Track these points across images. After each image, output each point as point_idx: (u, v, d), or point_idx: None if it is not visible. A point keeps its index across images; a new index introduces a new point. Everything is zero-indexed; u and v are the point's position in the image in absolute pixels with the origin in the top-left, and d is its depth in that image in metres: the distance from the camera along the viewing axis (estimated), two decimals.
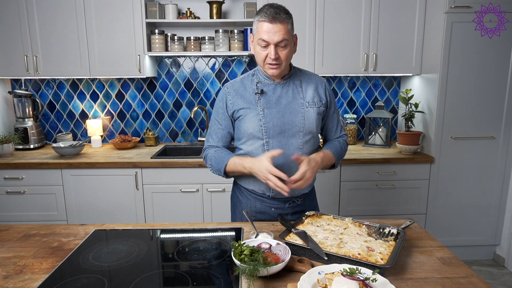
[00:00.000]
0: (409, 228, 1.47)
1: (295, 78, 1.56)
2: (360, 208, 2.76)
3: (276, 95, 1.51)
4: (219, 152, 1.55)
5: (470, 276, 1.13)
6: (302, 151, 1.51)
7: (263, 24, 1.40)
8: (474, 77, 2.64)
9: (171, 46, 2.89)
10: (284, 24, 1.39)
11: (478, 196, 2.81)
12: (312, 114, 1.52)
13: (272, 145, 1.49)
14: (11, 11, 2.71)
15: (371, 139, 3.07)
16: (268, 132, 1.48)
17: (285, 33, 1.39)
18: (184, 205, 2.69)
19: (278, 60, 1.42)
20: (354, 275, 0.97)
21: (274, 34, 1.38)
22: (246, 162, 1.46)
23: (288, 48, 1.43)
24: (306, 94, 1.53)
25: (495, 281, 2.66)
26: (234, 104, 1.52)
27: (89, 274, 1.16)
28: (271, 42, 1.39)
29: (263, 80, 1.53)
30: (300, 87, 1.54)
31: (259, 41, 1.42)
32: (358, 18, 2.76)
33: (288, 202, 1.58)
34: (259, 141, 1.50)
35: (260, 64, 1.48)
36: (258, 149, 1.51)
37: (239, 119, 1.52)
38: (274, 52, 1.40)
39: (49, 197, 2.67)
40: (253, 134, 1.50)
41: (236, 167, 1.49)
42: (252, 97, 1.51)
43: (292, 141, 1.50)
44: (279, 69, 1.45)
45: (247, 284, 1.06)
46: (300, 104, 1.52)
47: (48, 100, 3.19)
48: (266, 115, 1.48)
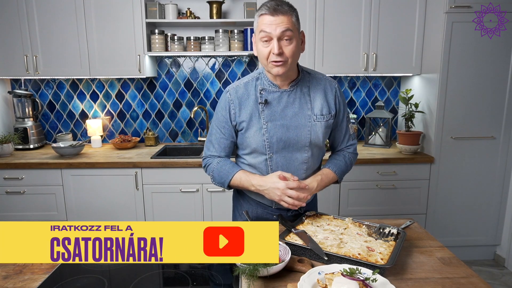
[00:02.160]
0: (409, 228, 1.47)
1: (303, 85, 1.42)
2: (360, 208, 2.76)
3: (281, 105, 1.39)
4: (222, 164, 1.46)
5: (470, 276, 1.12)
6: (307, 165, 1.45)
7: (264, 17, 1.27)
8: (474, 77, 2.64)
9: (171, 46, 2.89)
10: (288, 16, 1.26)
11: (478, 196, 2.81)
12: (320, 128, 1.41)
13: (276, 160, 1.42)
14: (11, 11, 2.71)
15: (371, 139, 3.07)
16: (272, 147, 1.40)
17: (289, 24, 1.26)
18: (184, 205, 2.69)
19: (282, 56, 1.28)
20: (354, 275, 0.97)
21: (277, 26, 1.25)
22: (254, 180, 1.39)
23: (294, 42, 1.28)
24: (314, 105, 1.41)
25: (495, 281, 2.66)
26: (237, 115, 1.41)
27: (89, 274, 1.16)
28: (274, 34, 1.26)
29: (268, 87, 1.40)
30: (308, 95, 1.41)
31: (261, 35, 1.28)
32: (358, 18, 2.76)
33: (291, 211, 1.53)
34: (262, 156, 1.43)
35: (264, 63, 1.33)
36: (261, 163, 1.44)
37: (242, 131, 1.44)
38: (277, 46, 1.26)
39: (49, 197, 2.67)
40: (256, 149, 1.42)
41: (242, 184, 1.42)
42: (255, 107, 1.39)
43: (296, 156, 1.43)
44: (284, 67, 1.30)
45: (247, 284, 1.05)
46: (307, 116, 1.40)
47: (48, 100, 3.19)
48: (269, 129, 1.38)
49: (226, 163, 1.46)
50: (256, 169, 1.47)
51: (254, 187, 1.39)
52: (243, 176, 1.41)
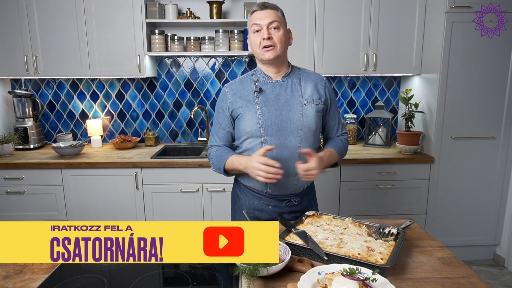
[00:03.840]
0: (409, 228, 1.47)
1: (294, 76, 1.57)
2: (360, 208, 2.76)
3: (274, 93, 1.53)
4: (220, 151, 1.58)
5: (470, 276, 1.12)
6: (301, 148, 1.50)
7: (254, 13, 1.50)
8: (474, 77, 2.64)
9: (171, 46, 2.89)
10: (274, 11, 1.49)
11: (478, 196, 2.81)
12: (311, 112, 1.52)
13: (270, 143, 1.49)
14: (11, 11, 2.71)
15: (371, 139, 3.07)
16: (266, 130, 1.49)
17: (276, 16, 1.48)
18: (184, 205, 2.69)
19: (271, 41, 1.47)
20: (354, 275, 0.97)
21: (266, 17, 1.47)
22: (242, 159, 1.49)
23: (282, 31, 1.49)
24: (305, 92, 1.55)
25: (495, 281, 2.66)
26: (233, 103, 1.55)
27: (89, 274, 1.16)
28: (263, 24, 1.46)
29: (262, 79, 1.55)
30: (299, 84, 1.56)
31: (253, 28, 1.49)
32: (358, 18, 2.76)
33: (285, 201, 1.58)
34: (257, 139, 1.51)
35: (257, 51, 1.51)
36: (256, 147, 1.51)
37: (238, 118, 1.54)
38: (266, 32, 1.46)
39: (49, 197, 2.67)
40: (251, 133, 1.51)
41: (234, 165, 1.52)
42: (250, 95, 1.53)
43: (290, 139, 1.51)
44: (274, 51, 1.48)
45: (247, 284, 1.06)
46: (299, 101, 1.53)
47: (48, 100, 3.19)
48: (264, 113, 1.50)
49: (223, 149, 1.59)
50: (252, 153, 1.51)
51: (242, 165, 1.48)
52: (234, 158, 1.53)
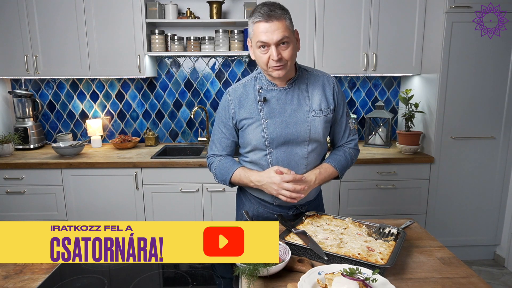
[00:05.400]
0: (409, 228, 1.47)
1: (301, 82, 1.44)
2: (360, 208, 2.76)
3: (280, 102, 1.41)
4: (223, 162, 1.50)
5: (470, 276, 1.12)
6: (308, 160, 1.46)
7: (259, 25, 1.29)
8: (474, 77, 2.64)
9: (171, 46, 2.89)
10: (282, 21, 1.28)
11: (478, 196, 2.81)
12: (319, 124, 1.43)
13: (276, 155, 1.43)
14: (11, 11, 2.71)
15: (371, 139, 3.07)
16: (272, 143, 1.42)
17: (284, 29, 1.28)
18: (184, 205, 2.69)
19: (281, 61, 1.31)
20: (354, 275, 0.97)
21: (273, 33, 1.27)
22: (252, 176, 1.42)
23: (291, 45, 1.32)
24: (313, 100, 1.43)
25: (495, 281, 2.66)
26: (237, 114, 1.45)
27: (89, 274, 1.16)
28: (271, 42, 1.28)
29: (266, 86, 1.43)
30: (306, 91, 1.44)
31: (258, 44, 1.31)
32: (358, 18, 2.76)
33: (292, 210, 1.53)
34: (262, 152, 1.45)
35: (263, 68, 1.37)
36: (262, 159, 1.46)
37: (242, 129, 1.47)
38: (276, 52, 1.29)
39: (49, 197, 2.67)
40: (256, 146, 1.44)
41: (241, 180, 1.45)
42: (254, 105, 1.42)
43: (296, 151, 1.44)
44: (284, 69, 1.34)
45: (247, 284, 1.05)
46: (306, 112, 1.42)
47: (48, 100, 3.19)
48: (269, 125, 1.41)
49: (227, 161, 1.50)
50: (257, 165, 1.49)
51: (253, 183, 1.42)
52: (242, 173, 1.45)
